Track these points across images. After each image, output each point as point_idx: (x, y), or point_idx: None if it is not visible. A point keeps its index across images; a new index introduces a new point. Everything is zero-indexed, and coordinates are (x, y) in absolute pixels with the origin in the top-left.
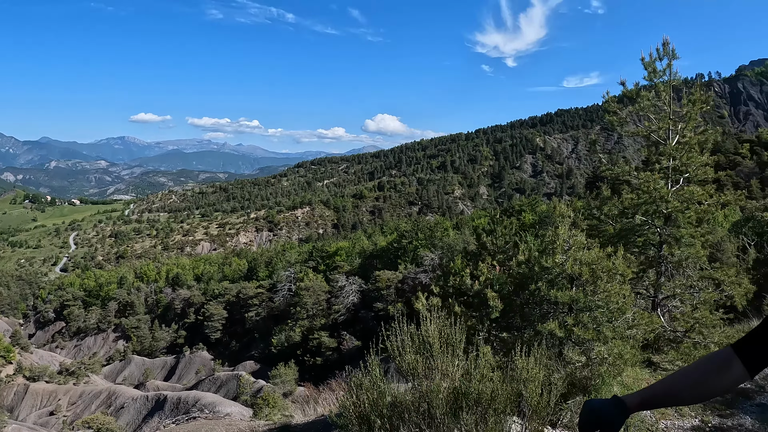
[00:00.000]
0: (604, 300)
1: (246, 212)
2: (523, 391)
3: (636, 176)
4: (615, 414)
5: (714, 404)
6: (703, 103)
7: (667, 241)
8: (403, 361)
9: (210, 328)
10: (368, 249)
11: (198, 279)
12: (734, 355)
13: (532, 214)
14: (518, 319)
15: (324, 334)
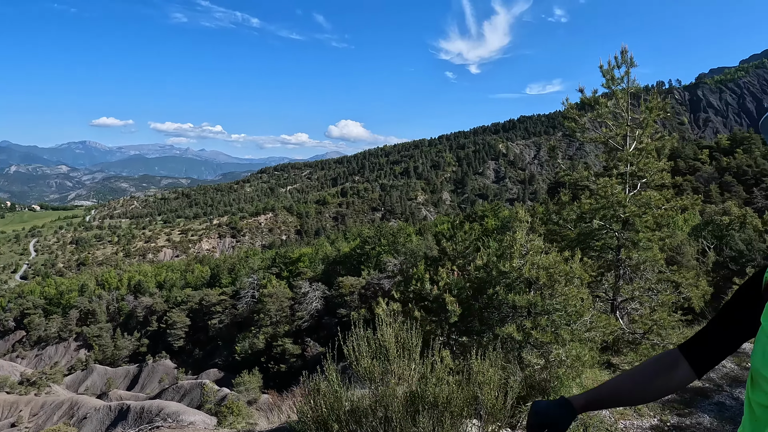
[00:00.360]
0: (562, 303)
1: (209, 218)
2: (479, 393)
3: (594, 181)
4: (561, 415)
5: (672, 404)
6: (660, 110)
7: (625, 244)
8: (360, 366)
9: (173, 336)
10: (331, 255)
11: (160, 286)
12: (681, 356)
13: (495, 220)
14: (477, 323)
15: (288, 341)
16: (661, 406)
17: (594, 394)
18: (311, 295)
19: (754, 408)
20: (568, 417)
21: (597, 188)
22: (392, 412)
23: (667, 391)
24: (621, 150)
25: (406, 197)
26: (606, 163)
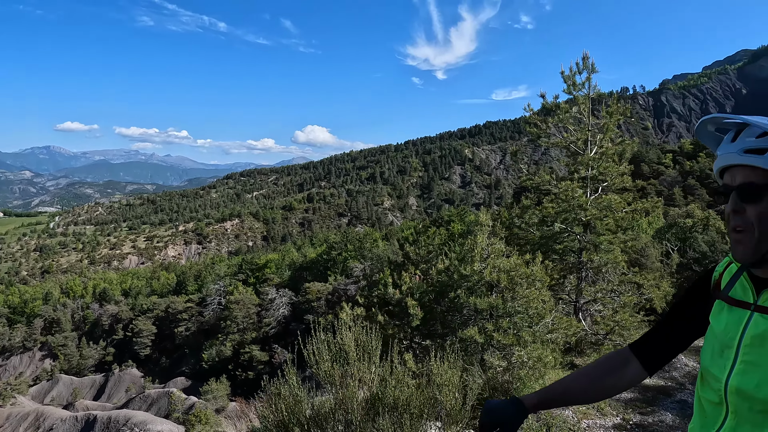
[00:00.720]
0: (524, 305)
1: (174, 225)
2: (438, 395)
3: (556, 185)
4: (512, 414)
5: (635, 402)
6: (620, 114)
7: (587, 247)
8: (320, 370)
9: (139, 344)
10: (298, 261)
11: (126, 294)
12: (632, 355)
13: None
14: (439, 326)
15: (255, 348)
16: (624, 405)
17: (546, 393)
18: (278, 302)
19: (703, 405)
20: (519, 416)
21: (559, 192)
22: (352, 414)
23: (619, 389)
24: (582, 154)
25: (372, 202)
26: (568, 168)
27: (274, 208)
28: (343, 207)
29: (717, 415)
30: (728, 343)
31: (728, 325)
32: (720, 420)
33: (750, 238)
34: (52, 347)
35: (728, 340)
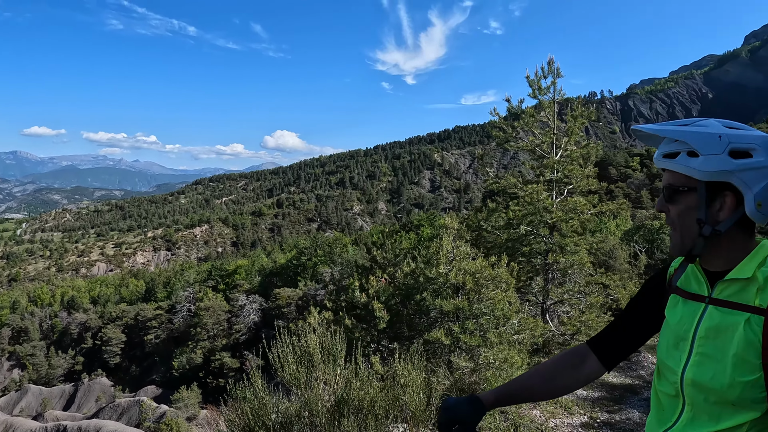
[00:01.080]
0: (489, 307)
1: (143, 231)
2: (402, 395)
3: (522, 188)
4: (470, 411)
5: (602, 401)
6: (584, 118)
7: (553, 249)
8: (285, 373)
9: (108, 352)
10: (268, 267)
11: (94, 302)
12: (590, 351)
13: (431, 229)
14: (406, 329)
15: (226, 355)
16: (591, 404)
17: (504, 390)
18: (248, 308)
19: (660, 398)
20: (477, 413)
21: (524, 195)
22: (317, 416)
23: (577, 384)
24: (547, 157)
25: (342, 207)
26: (534, 171)
27: (244, 214)
28: (312, 212)
29: (674, 408)
30: (683, 335)
31: (683, 318)
32: (677, 412)
33: (675, 235)
34: (20, 357)
35: (683, 332)
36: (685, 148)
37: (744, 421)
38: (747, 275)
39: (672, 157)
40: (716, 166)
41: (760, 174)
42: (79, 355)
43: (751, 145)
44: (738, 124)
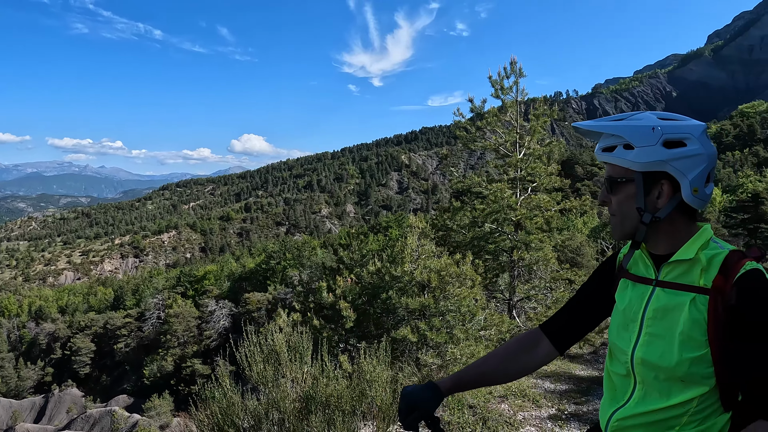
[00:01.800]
0: (455, 304)
1: (110, 238)
2: (368, 390)
3: (486, 187)
4: (428, 397)
5: (569, 393)
6: (547, 117)
7: (518, 246)
8: (253, 372)
9: (78, 362)
10: (237, 271)
11: (63, 311)
12: (543, 335)
13: (399, 230)
14: (373, 327)
15: (197, 362)
16: (559, 397)
17: (461, 375)
18: (218, 313)
19: (612, 379)
20: (435, 399)
21: (489, 193)
22: (284, 413)
23: (531, 367)
24: (511, 156)
25: (310, 211)
26: (498, 170)
27: (212, 219)
28: (280, 216)
29: (626, 387)
30: (633, 317)
31: (632, 300)
32: (629, 391)
33: (615, 221)
34: None
35: (632, 314)
36: (621, 142)
37: (693, 396)
38: (690, 256)
39: (610, 151)
40: (650, 156)
41: (694, 161)
42: (49, 366)
43: (685, 135)
44: (674, 115)
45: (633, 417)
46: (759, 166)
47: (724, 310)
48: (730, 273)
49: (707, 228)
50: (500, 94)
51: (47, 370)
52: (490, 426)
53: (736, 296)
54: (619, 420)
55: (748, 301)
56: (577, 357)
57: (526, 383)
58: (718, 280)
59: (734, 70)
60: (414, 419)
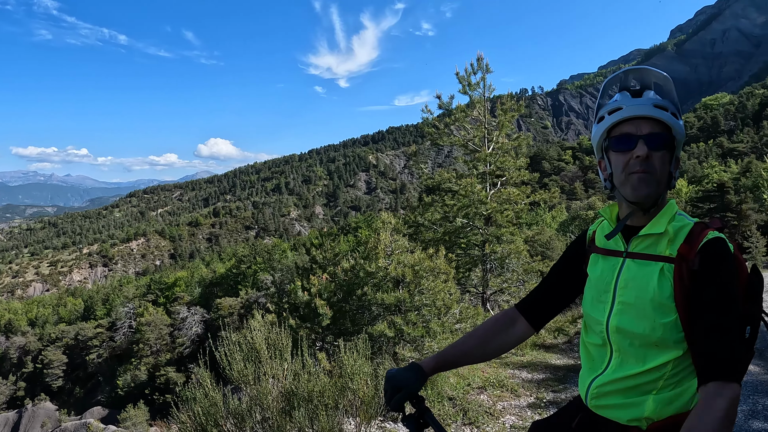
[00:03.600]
0: (430, 298)
1: (78, 248)
2: (350, 384)
3: (456, 182)
4: (411, 377)
5: (547, 382)
6: (514, 111)
7: (489, 239)
8: (233, 371)
9: (50, 375)
10: (207, 277)
11: (32, 324)
12: (518, 314)
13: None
14: (349, 324)
15: (171, 369)
16: (537, 385)
17: (442, 355)
18: (190, 320)
19: (589, 349)
20: (419, 379)
21: (459, 188)
22: (268, 410)
23: (508, 345)
24: (479, 151)
25: (279, 214)
26: (467, 165)
27: (180, 225)
28: (249, 220)
29: (603, 356)
30: (605, 288)
31: (604, 272)
32: (606, 360)
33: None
34: None
35: (605, 285)
36: (672, 108)
37: (668, 360)
38: (660, 230)
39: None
40: (683, 130)
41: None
42: (21, 380)
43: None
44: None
45: (611, 383)
46: (723, 156)
47: (689, 275)
48: (694, 242)
49: (673, 203)
50: (468, 90)
51: (19, 385)
52: (470, 416)
53: (699, 262)
54: (598, 387)
55: (709, 266)
56: (552, 347)
57: (504, 374)
58: (683, 249)
59: (697, 64)
60: (399, 399)
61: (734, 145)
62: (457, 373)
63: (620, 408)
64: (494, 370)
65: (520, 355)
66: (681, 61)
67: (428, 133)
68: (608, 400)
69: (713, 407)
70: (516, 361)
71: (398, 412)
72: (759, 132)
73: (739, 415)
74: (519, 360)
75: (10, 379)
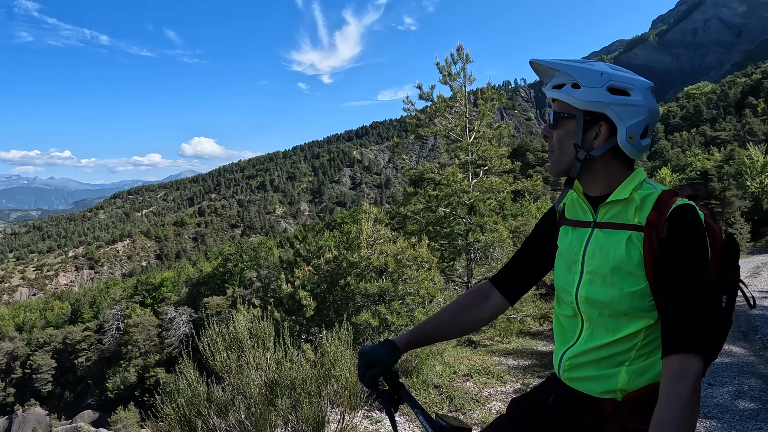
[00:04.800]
0: (414, 287)
1: (64, 251)
2: (333, 370)
3: (439, 172)
4: (384, 353)
5: (533, 368)
6: (495, 100)
7: (472, 228)
8: (216, 361)
9: (40, 380)
10: (194, 277)
11: (20, 329)
12: (493, 288)
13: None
14: (333, 314)
15: (160, 370)
16: (523, 372)
17: (416, 331)
18: (178, 320)
19: (561, 321)
20: (392, 355)
21: (441, 178)
22: (249, 398)
23: (484, 319)
24: (461, 140)
25: (264, 211)
26: (448, 155)
27: (166, 225)
28: (235, 218)
29: (574, 328)
30: (574, 258)
31: (572, 243)
32: (577, 331)
33: (554, 156)
34: None
35: (574, 256)
36: (570, 80)
37: (639, 329)
38: (624, 197)
39: (559, 88)
40: (593, 97)
41: (634, 110)
42: (10, 386)
43: (630, 86)
44: (625, 70)
45: (583, 354)
46: (706, 145)
47: (658, 243)
48: (663, 209)
49: (640, 171)
50: (448, 80)
51: (8, 391)
52: (456, 404)
53: (667, 229)
54: (570, 359)
55: (676, 233)
56: (538, 334)
57: (490, 361)
58: (651, 216)
59: (679, 54)
60: (372, 375)
61: (717, 133)
62: (442, 361)
63: (593, 380)
64: (480, 357)
65: (506, 343)
66: (663, 51)
67: (410, 124)
68: (581, 372)
69: (677, 394)
70: (502, 349)
71: (371, 388)
72: (741, 120)
73: (725, 395)
74: (505, 347)
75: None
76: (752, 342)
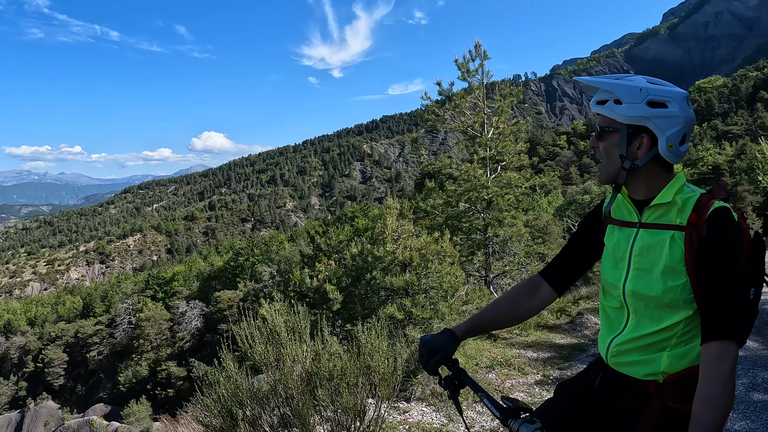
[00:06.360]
0: (437, 281)
1: (75, 246)
2: (370, 362)
3: (457, 168)
4: (445, 341)
5: (553, 360)
6: (512, 96)
7: (491, 223)
8: (255, 353)
9: (52, 374)
10: (205, 271)
11: (32, 323)
12: (542, 280)
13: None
14: (359, 308)
15: (172, 364)
16: (543, 364)
17: (473, 321)
18: (190, 314)
19: (608, 312)
20: (451, 342)
21: (460, 174)
22: (292, 389)
23: (534, 310)
24: (480, 137)
25: (274, 205)
26: (467, 150)
27: (176, 220)
28: (245, 212)
29: (620, 318)
30: (621, 256)
31: (619, 241)
32: (624, 321)
33: (602, 166)
34: None
35: (621, 253)
36: (612, 97)
37: (680, 319)
38: (668, 200)
39: (603, 104)
40: (635, 112)
41: (672, 121)
42: (22, 380)
43: (668, 98)
44: (663, 82)
45: (629, 341)
46: (718, 139)
47: (698, 242)
48: (702, 211)
49: (681, 175)
50: (467, 77)
51: (21, 385)
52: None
53: (706, 230)
54: (617, 345)
55: (715, 233)
56: (555, 327)
57: (510, 353)
58: (692, 218)
59: (690, 47)
60: (435, 362)
61: (728, 127)
62: (465, 354)
63: (638, 364)
64: (500, 350)
65: (524, 336)
66: (674, 45)
67: (428, 119)
68: (627, 357)
69: (718, 373)
70: (521, 341)
71: (434, 375)
72: (753, 114)
73: (739, 387)
74: (524, 340)
75: (11, 380)
76: (765, 336)
